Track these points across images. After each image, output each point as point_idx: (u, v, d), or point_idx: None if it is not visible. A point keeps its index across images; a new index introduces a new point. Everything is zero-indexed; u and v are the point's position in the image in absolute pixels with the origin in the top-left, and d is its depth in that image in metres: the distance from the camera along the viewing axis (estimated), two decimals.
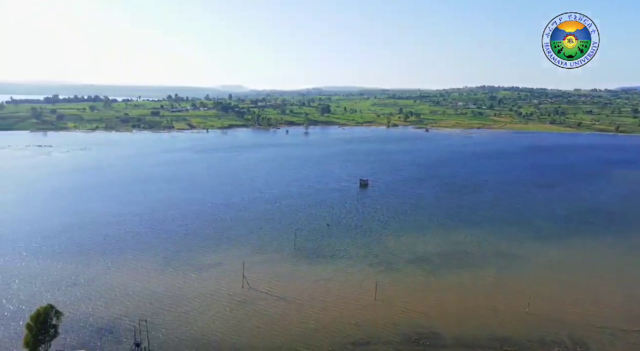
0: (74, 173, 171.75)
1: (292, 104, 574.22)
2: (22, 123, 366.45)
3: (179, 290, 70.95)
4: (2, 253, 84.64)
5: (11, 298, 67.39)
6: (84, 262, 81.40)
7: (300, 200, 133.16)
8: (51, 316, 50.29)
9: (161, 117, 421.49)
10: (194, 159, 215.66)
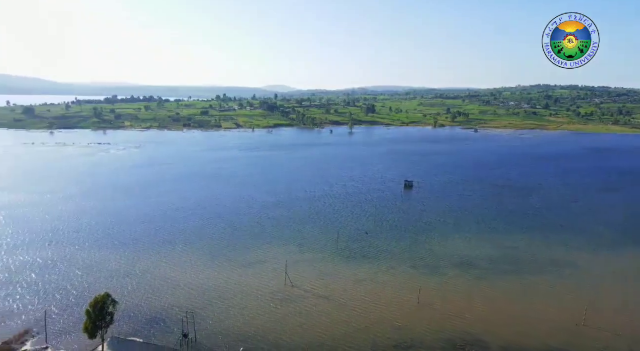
0: (129, 170, 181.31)
1: (336, 104, 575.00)
2: (85, 122, 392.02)
3: (224, 285, 72.97)
4: (68, 243, 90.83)
5: (74, 284, 72.13)
6: (137, 254, 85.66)
7: (343, 199, 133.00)
8: (108, 304, 53.02)
9: (210, 116, 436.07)
10: (240, 157, 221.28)
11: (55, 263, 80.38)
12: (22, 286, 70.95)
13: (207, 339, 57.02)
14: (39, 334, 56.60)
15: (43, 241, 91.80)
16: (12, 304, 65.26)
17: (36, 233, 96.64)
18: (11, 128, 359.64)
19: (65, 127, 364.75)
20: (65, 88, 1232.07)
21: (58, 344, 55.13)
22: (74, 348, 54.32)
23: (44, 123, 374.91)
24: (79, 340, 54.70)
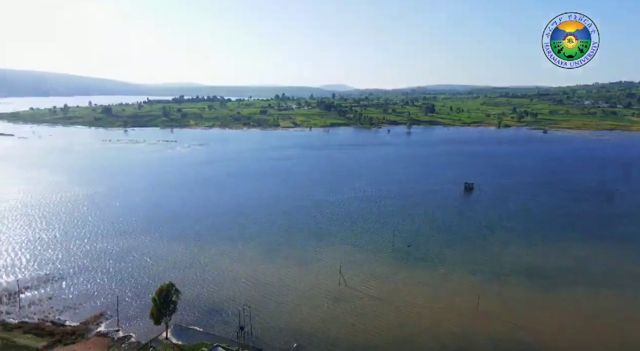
0: (193, 167, 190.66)
1: (394, 103, 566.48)
2: (155, 120, 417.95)
3: (280, 281, 74.48)
4: (140, 234, 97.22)
5: (144, 273, 77.05)
6: (200, 247, 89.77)
7: (400, 200, 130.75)
8: (172, 294, 56.11)
9: (269, 115, 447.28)
10: (298, 156, 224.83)
11: (129, 252, 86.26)
12: (100, 272, 76.89)
13: (262, 333, 58.47)
14: (112, 317, 61.07)
15: (119, 231, 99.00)
16: (91, 288, 70.93)
17: (112, 223, 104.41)
18: (92, 126, 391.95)
19: (137, 125, 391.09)
20: (138, 89, 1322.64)
21: (128, 328, 59.14)
22: (142, 332, 57.95)
23: (120, 122, 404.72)
24: (146, 325, 58.27)
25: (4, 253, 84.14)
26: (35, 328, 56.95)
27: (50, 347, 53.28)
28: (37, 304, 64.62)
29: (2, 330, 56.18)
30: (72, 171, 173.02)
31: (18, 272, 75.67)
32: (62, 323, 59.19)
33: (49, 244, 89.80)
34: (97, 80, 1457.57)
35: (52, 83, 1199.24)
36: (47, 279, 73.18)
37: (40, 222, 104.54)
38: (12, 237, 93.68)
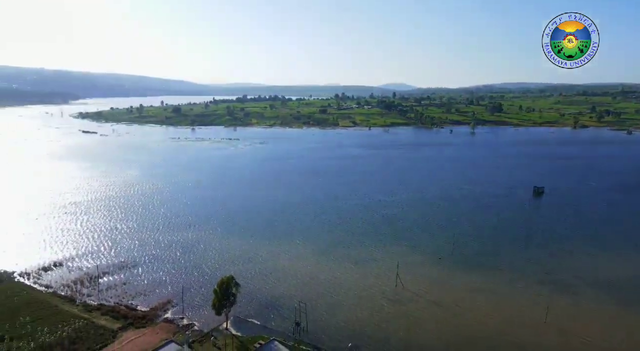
0: (254, 164, 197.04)
1: (458, 102, 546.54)
2: (219, 119, 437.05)
3: (336, 279, 74.77)
4: (206, 227, 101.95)
5: (208, 264, 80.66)
6: (260, 242, 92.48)
7: (461, 203, 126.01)
8: (232, 286, 58.29)
9: (328, 114, 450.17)
10: (357, 155, 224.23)
11: (196, 244, 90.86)
12: (168, 262, 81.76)
13: (317, 330, 59.01)
14: (178, 305, 64.69)
15: (186, 223, 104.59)
16: (160, 276, 75.60)
17: (181, 216, 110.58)
18: (163, 124, 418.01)
19: (203, 124, 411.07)
20: (205, 90, 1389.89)
21: (192, 316, 62.36)
22: (204, 321, 60.83)
23: (188, 121, 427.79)
24: (208, 315, 61.07)
25: (89, 241, 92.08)
26: (112, 311, 61.77)
27: (124, 329, 57.54)
28: (113, 288, 70.06)
29: (84, 311, 61.59)
30: (145, 166, 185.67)
31: (98, 258, 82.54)
32: (134, 307, 63.67)
33: (125, 233, 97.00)
34: (170, 82, 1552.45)
35: (130, 84, 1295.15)
36: (122, 266, 79.12)
37: (118, 213, 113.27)
38: (96, 226, 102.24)
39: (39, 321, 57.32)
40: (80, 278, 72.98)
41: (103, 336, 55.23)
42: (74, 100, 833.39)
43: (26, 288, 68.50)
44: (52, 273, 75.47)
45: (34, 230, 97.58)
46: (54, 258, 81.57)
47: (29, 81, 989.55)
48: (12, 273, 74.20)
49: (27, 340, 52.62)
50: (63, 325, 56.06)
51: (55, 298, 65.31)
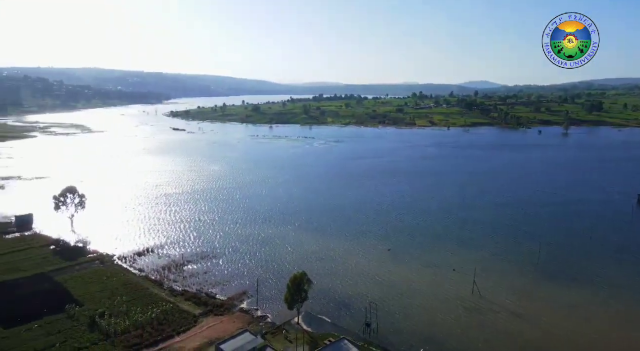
0: (329, 162, 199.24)
1: (548, 101, 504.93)
2: (296, 118, 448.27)
3: (409, 282, 73.14)
4: (283, 222, 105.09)
5: (283, 259, 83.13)
6: (334, 240, 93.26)
7: (551, 209, 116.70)
8: (304, 282, 59.55)
9: (405, 113, 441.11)
10: (436, 155, 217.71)
11: (273, 238, 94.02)
12: (246, 254, 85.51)
13: (388, 332, 58.17)
14: (253, 297, 67.52)
15: (265, 218, 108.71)
16: (238, 268, 79.48)
17: (259, 211, 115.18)
18: (243, 122, 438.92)
19: (281, 122, 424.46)
20: (284, 89, 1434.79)
21: (265, 308, 64.76)
22: (276, 314, 62.84)
23: (266, 119, 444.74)
24: (280, 308, 62.97)
25: (177, 230, 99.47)
26: (194, 297, 66.26)
27: (204, 315, 61.46)
28: (196, 276, 75.07)
29: (170, 295, 66.84)
30: (227, 162, 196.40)
31: (184, 247, 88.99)
32: (213, 295, 67.69)
33: (209, 225, 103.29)
34: (251, 82, 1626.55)
35: (215, 85, 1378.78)
36: (204, 255, 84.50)
37: (203, 205, 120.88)
38: (183, 216, 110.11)
39: (133, 301, 63.25)
40: (168, 264, 79.27)
41: (186, 320, 59.47)
42: (167, 100, 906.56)
43: (123, 271, 75.96)
44: (144, 258, 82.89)
45: (132, 218, 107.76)
46: (146, 244, 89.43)
47: (130, 83, 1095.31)
48: (113, 256, 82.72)
49: (123, 317, 58.32)
50: (153, 307, 61.24)
51: (147, 282, 71.62)
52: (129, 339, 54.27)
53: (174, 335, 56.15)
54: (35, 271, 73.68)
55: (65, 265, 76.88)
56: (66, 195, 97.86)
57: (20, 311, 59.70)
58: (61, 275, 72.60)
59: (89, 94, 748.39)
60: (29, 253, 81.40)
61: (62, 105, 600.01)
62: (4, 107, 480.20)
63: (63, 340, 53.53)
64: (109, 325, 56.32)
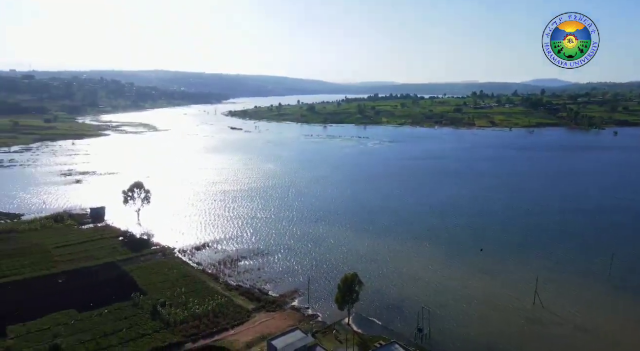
0: (383, 162, 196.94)
1: (628, 99, 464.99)
2: (350, 117, 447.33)
3: (465, 288, 70.58)
4: (337, 222, 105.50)
5: (336, 258, 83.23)
6: (386, 241, 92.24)
7: (625, 216, 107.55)
8: (355, 283, 59.30)
9: (463, 113, 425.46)
10: (497, 157, 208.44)
11: (326, 238, 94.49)
12: (299, 253, 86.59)
13: (441, 339, 56.50)
14: (304, 295, 68.31)
15: (319, 217, 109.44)
16: (290, 265, 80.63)
17: (313, 210, 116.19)
18: (298, 122, 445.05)
19: (335, 122, 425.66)
20: (339, 89, 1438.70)
21: (316, 307, 65.23)
22: (327, 314, 63.10)
23: (320, 119, 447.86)
24: (331, 308, 63.17)
25: (233, 226, 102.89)
26: (247, 292, 68.26)
27: (257, 310, 63.10)
28: (249, 272, 77.24)
29: (225, 289, 69.33)
30: (281, 161, 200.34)
31: (239, 243, 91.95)
32: (266, 292, 69.29)
33: (264, 222, 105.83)
34: (307, 82, 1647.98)
35: (272, 85, 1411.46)
36: (258, 252, 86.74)
37: (259, 203, 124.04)
38: (240, 213, 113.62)
39: (191, 293, 66.31)
40: (223, 259, 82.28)
41: (240, 314, 61.36)
42: (225, 99, 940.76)
43: (183, 264, 79.91)
44: (202, 252, 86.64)
45: (192, 213, 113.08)
46: (204, 239, 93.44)
47: (192, 83, 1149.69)
48: (174, 249, 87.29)
49: (182, 308, 61.38)
50: (209, 299, 63.83)
51: (204, 275, 74.81)
52: (187, 329, 56.99)
53: (228, 328, 58.20)
54: (106, 260, 79.52)
55: (131, 255, 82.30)
56: (133, 190, 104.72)
57: (93, 297, 64.69)
58: (128, 264, 77.77)
59: (155, 95, 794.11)
60: (101, 243, 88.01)
61: (132, 105, 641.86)
62: (83, 107, 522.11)
63: (129, 326, 57.27)
64: (169, 314, 59.47)
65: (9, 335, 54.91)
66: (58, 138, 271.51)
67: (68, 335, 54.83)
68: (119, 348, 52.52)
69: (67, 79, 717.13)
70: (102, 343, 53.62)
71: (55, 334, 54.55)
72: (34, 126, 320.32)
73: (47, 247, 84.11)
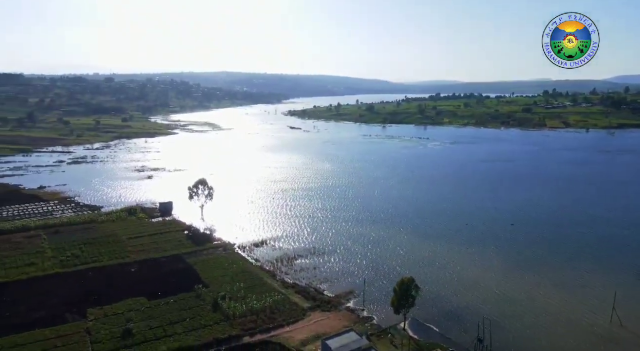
0: (445, 164, 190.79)
1: None
2: (410, 118, 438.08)
3: (532, 300, 66.52)
4: (396, 224, 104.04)
5: (391, 261, 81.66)
6: (446, 245, 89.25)
7: None
8: (411, 288, 57.90)
9: (533, 113, 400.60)
10: (574, 160, 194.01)
11: (385, 240, 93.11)
12: (355, 253, 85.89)
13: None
14: (359, 296, 67.88)
15: (378, 219, 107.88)
16: (346, 266, 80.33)
17: (371, 211, 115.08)
18: (356, 122, 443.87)
19: (394, 122, 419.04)
20: (400, 88, 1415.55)
21: (371, 309, 64.57)
22: (382, 317, 62.23)
23: (379, 118, 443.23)
24: (386, 311, 62.17)
25: (291, 225, 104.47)
26: (303, 291, 69.05)
27: (312, 309, 63.68)
28: (305, 271, 78.06)
29: (282, 286, 70.67)
30: (339, 161, 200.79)
31: (296, 241, 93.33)
32: (321, 291, 69.71)
33: (321, 222, 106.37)
34: (367, 81, 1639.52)
35: (332, 85, 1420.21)
36: (314, 251, 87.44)
37: (317, 202, 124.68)
38: (297, 212, 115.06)
39: (250, 288, 68.42)
40: (280, 257, 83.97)
41: (295, 312, 62.32)
42: (286, 99, 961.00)
43: (242, 259, 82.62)
44: (260, 249, 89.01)
45: (252, 210, 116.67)
46: (263, 236, 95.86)
47: (255, 84, 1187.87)
48: (234, 244, 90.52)
49: (240, 302, 63.49)
50: (266, 296, 65.45)
51: (262, 272, 76.84)
52: (245, 323, 58.86)
53: (284, 325, 59.28)
54: (173, 252, 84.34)
55: (195, 249, 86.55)
56: (198, 187, 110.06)
57: (160, 286, 68.95)
58: (192, 257, 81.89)
59: (220, 95, 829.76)
60: (168, 236, 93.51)
61: (199, 105, 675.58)
62: (155, 107, 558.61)
63: (192, 316, 60.28)
64: (229, 308, 61.78)
65: (89, 317, 60.00)
66: (133, 136, 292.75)
67: (139, 320, 58.86)
68: (182, 336, 55.49)
69: (142, 81, 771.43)
70: (168, 330, 56.87)
71: (127, 319, 58.83)
72: (113, 125, 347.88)
73: (122, 238, 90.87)
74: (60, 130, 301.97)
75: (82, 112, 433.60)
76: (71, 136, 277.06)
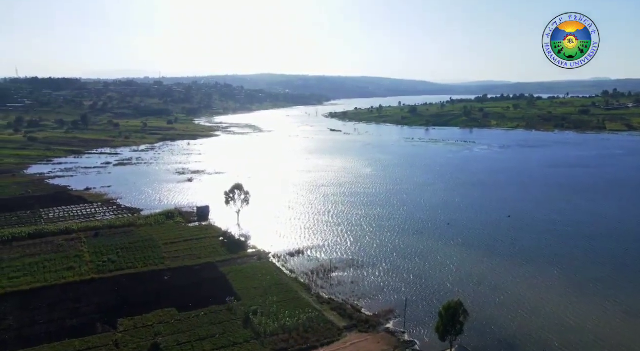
0: (493, 169, 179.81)
1: None
2: (454, 120, 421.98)
3: (597, 329, 58.68)
4: (440, 237, 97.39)
5: (444, 278, 75.14)
6: (499, 263, 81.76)
7: None
8: (459, 313, 52.06)
9: (590, 115, 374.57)
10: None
11: (430, 253, 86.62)
12: (398, 267, 79.83)
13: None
14: (400, 317, 62.44)
15: (422, 229, 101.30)
16: (387, 281, 74.57)
17: (417, 221, 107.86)
18: (398, 124, 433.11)
19: (438, 124, 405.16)
20: (445, 89, 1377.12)
21: (413, 333, 59.02)
22: (425, 342, 56.66)
23: (422, 121, 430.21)
24: (430, 336, 56.56)
25: (329, 233, 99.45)
26: (339, 307, 64.42)
27: (349, 329, 59.07)
28: (342, 285, 73.28)
29: (317, 302, 66.40)
30: (382, 165, 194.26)
31: (333, 252, 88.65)
32: (359, 308, 64.79)
33: (361, 230, 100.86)
34: (411, 82, 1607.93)
35: (374, 86, 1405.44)
36: (352, 263, 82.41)
37: (360, 210, 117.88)
38: (337, 220, 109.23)
39: (283, 302, 64.75)
40: (316, 268, 79.57)
41: (330, 332, 57.93)
42: (326, 101, 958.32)
43: (276, 270, 78.97)
44: (295, 258, 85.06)
45: (288, 217, 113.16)
46: (298, 245, 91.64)
47: (295, 86, 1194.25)
48: (268, 253, 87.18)
49: (272, 318, 59.90)
50: (299, 312, 61.47)
51: (296, 284, 72.87)
52: (277, 342, 55.20)
53: (317, 346, 55.13)
54: (206, 260, 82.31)
55: (229, 256, 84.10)
56: (234, 192, 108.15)
57: (192, 296, 66.75)
58: (225, 266, 79.39)
59: (261, 97, 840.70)
60: (204, 242, 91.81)
61: (241, 107, 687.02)
62: (199, 109, 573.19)
63: (222, 332, 57.35)
64: (260, 324, 58.37)
65: (119, 327, 58.49)
66: (177, 138, 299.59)
67: (167, 334, 56.65)
68: None
69: (187, 84, 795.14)
70: (197, 347, 54.22)
71: (156, 332, 56.77)
72: (158, 127, 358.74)
73: (158, 243, 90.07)
74: (109, 131, 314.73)
75: (131, 114, 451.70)
76: (119, 138, 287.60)
